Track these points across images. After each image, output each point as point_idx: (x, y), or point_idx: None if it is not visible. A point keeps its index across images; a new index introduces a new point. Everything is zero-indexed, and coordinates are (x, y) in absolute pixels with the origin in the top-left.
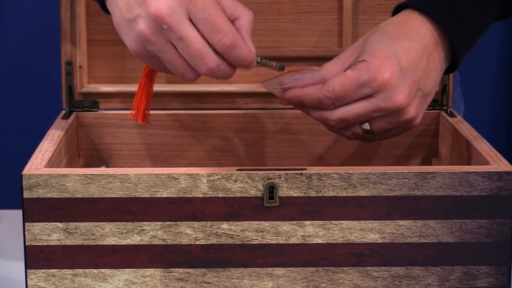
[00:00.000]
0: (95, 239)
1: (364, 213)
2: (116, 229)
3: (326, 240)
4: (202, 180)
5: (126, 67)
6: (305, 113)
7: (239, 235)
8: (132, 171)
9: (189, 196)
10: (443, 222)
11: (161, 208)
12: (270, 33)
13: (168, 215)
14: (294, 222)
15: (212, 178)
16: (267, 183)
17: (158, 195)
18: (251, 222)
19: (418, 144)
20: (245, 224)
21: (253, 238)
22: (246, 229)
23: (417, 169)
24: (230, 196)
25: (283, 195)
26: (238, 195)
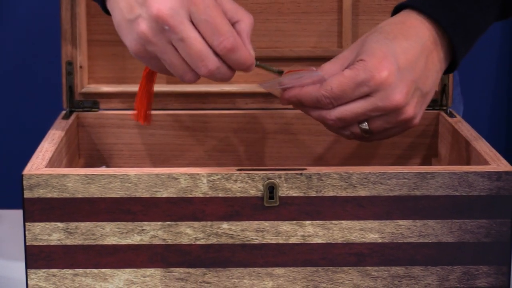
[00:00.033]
0: (96, 239)
1: (364, 213)
2: (117, 229)
3: (326, 240)
4: (202, 180)
5: (127, 67)
6: (305, 113)
7: (239, 235)
8: (133, 171)
9: (189, 196)
10: (443, 222)
11: (161, 208)
12: (270, 34)
13: (168, 215)
14: (294, 222)
15: (212, 178)
16: (267, 183)
17: (159, 195)
18: (251, 222)
19: (418, 144)
20: (245, 224)
21: (253, 238)
22: (246, 229)
23: (417, 169)
24: (230, 196)
25: (283, 195)
26: (238, 195)
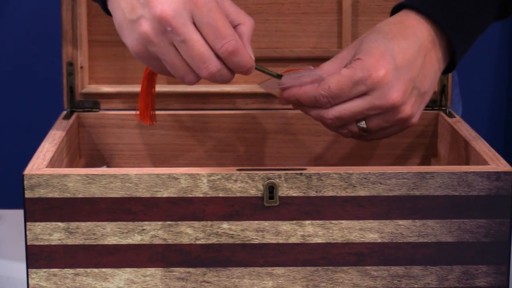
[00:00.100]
0: (96, 239)
1: (364, 213)
2: (117, 229)
3: (326, 240)
4: (203, 180)
5: (127, 68)
6: (303, 112)
7: (239, 235)
8: (133, 171)
9: (190, 196)
10: (442, 222)
11: (162, 208)
12: (270, 34)
13: (169, 215)
14: (294, 222)
15: (213, 178)
16: (267, 183)
17: (159, 195)
18: (251, 222)
19: (417, 144)
20: (245, 224)
21: (253, 238)
22: (246, 229)
23: (416, 169)
24: (230, 196)
25: (283, 195)
26: (238, 195)
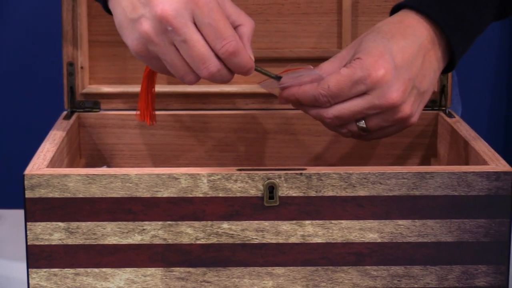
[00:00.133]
0: (97, 239)
1: (363, 213)
2: (117, 229)
3: (326, 240)
4: (203, 180)
5: (127, 68)
6: (303, 111)
7: (239, 235)
8: (133, 171)
9: (190, 196)
10: (442, 222)
11: (162, 208)
12: (270, 34)
13: (169, 215)
14: (294, 222)
15: (213, 178)
16: (267, 183)
17: (159, 195)
18: (251, 222)
19: (417, 144)
20: (245, 224)
21: (253, 238)
22: (246, 229)
23: (416, 169)
24: (230, 196)
25: (283, 195)
26: (238, 195)
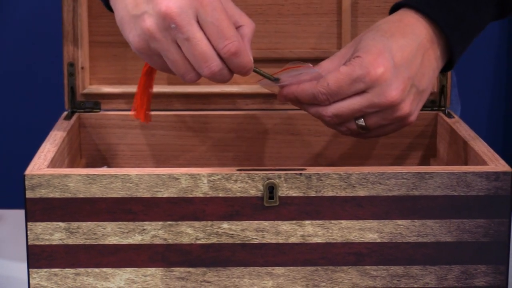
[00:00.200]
0: (97, 239)
1: (363, 213)
2: (118, 229)
3: (326, 240)
4: (203, 180)
5: (128, 68)
6: (302, 109)
7: (239, 235)
8: (134, 171)
9: (190, 196)
10: (441, 222)
11: (162, 208)
12: (270, 35)
13: (169, 215)
14: (294, 222)
15: (213, 178)
16: (267, 183)
17: (159, 195)
18: (251, 222)
19: (416, 145)
20: (245, 224)
21: (253, 238)
22: (246, 229)
23: (415, 169)
24: (231, 196)
25: (283, 195)
26: (238, 195)
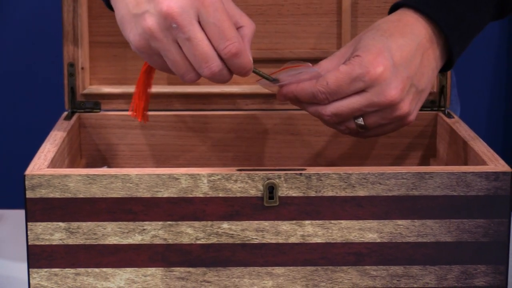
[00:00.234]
0: (97, 239)
1: (363, 213)
2: (118, 229)
3: (325, 240)
4: (203, 180)
5: (128, 69)
6: (302, 108)
7: (239, 235)
8: (134, 171)
9: (190, 196)
10: (441, 222)
11: (162, 208)
12: (270, 35)
13: (169, 215)
14: (294, 222)
15: (213, 178)
16: (267, 183)
17: (159, 195)
18: (251, 222)
19: (416, 145)
20: (245, 224)
21: (253, 238)
22: (246, 229)
23: (415, 169)
24: (230, 196)
25: (283, 195)
26: (238, 195)
